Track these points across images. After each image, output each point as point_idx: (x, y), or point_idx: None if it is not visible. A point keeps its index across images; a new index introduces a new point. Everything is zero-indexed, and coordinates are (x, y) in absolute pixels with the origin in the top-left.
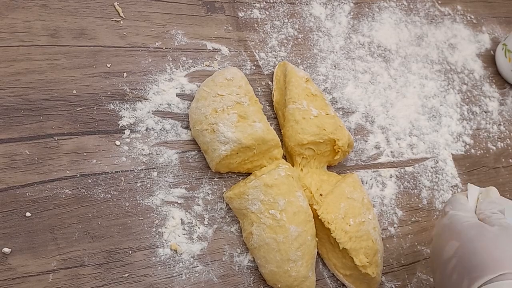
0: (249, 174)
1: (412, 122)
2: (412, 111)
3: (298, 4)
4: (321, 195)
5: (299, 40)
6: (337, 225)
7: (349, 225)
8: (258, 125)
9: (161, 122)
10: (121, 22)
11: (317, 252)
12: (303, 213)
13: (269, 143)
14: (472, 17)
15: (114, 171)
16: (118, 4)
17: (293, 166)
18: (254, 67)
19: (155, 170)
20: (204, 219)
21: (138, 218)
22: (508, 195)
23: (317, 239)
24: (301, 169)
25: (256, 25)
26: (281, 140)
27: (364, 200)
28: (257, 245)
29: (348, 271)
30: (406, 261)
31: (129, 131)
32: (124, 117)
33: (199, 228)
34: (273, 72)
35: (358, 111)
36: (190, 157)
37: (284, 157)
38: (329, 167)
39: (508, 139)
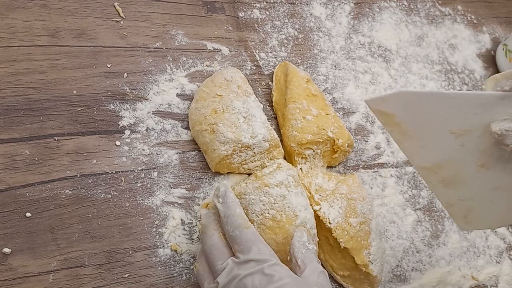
0: (249, 174)
1: None
2: None
3: (299, 4)
4: (321, 195)
5: (300, 40)
6: (338, 225)
7: (350, 225)
8: (258, 125)
9: (161, 122)
10: (122, 22)
11: None
12: (303, 214)
13: (269, 143)
14: (473, 17)
15: (114, 171)
16: (118, 5)
17: (292, 166)
18: (254, 67)
19: (155, 170)
20: None
21: (139, 219)
22: None
23: (318, 239)
24: (301, 169)
25: (256, 25)
26: (281, 141)
27: (364, 200)
28: None
29: (346, 272)
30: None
31: (130, 131)
32: (124, 117)
33: (199, 228)
34: (273, 72)
35: (359, 111)
36: (190, 157)
37: (284, 158)
38: (330, 167)
39: None
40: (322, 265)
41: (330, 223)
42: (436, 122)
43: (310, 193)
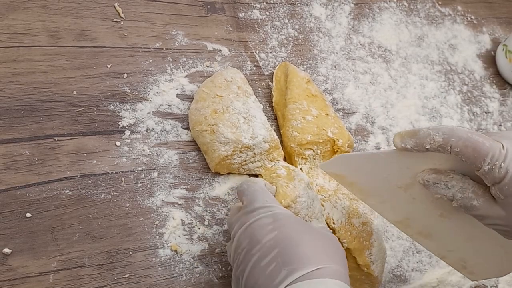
0: (249, 175)
1: (413, 122)
2: (413, 111)
3: (299, 4)
4: (323, 196)
5: (300, 40)
6: (342, 226)
7: (353, 226)
8: (258, 125)
9: (161, 122)
10: (122, 23)
11: None
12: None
13: (269, 144)
14: (473, 17)
15: (114, 172)
16: (118, 5)
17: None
18: (254, 68)
19: (155, 170)
20: (205, 220)
21: (139, 219)
22: None
23: None
24: (301, 169)
25: (256, 25)
26: (281, 141)
27: None
28: None
29: None
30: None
31: (130, 131)
32: (124, 117)
33: (199, 228)
34: (273, 73)
35: (359, 112)
36: (190, 157)
37: (284, 158)
38: None
39: None
40: None
41: (334, 223)
42: (382, 179)
43: None
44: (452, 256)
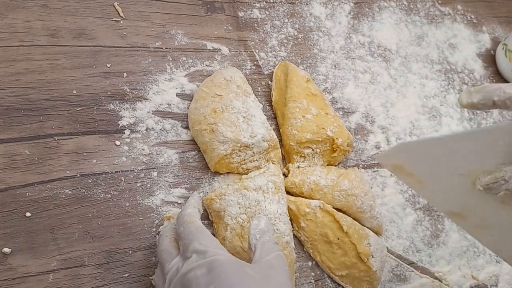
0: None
1: (413, 122)
2: (413, 111)
3: (298, 4)
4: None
5: (299, 40)
6: (340, 215)
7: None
8: (257, 124)
9: (161, 122)
10: (121, 22)
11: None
12: (275, 223)
13: (268, 143)
14: (473, 17)
15: (114, 171)
16: (118, 4)
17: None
18: (254, 67)
19: (155, 170)
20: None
21: (138, 218)
22: None
23: (309, 246)
24: (298, 166)
25: (256, 25)
26: (280, 140)
27: (367, 195)
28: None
29: (344, 271)
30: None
31: (129, 131)
32: (124, 117)
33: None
34: (273, 72)
35: (358, 111)
36: (190, 157)
37: (283, 158)
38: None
39: None
40: (322, 269)
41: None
42: (443, 166)
43: (311, 189)
44: (508, 251)
